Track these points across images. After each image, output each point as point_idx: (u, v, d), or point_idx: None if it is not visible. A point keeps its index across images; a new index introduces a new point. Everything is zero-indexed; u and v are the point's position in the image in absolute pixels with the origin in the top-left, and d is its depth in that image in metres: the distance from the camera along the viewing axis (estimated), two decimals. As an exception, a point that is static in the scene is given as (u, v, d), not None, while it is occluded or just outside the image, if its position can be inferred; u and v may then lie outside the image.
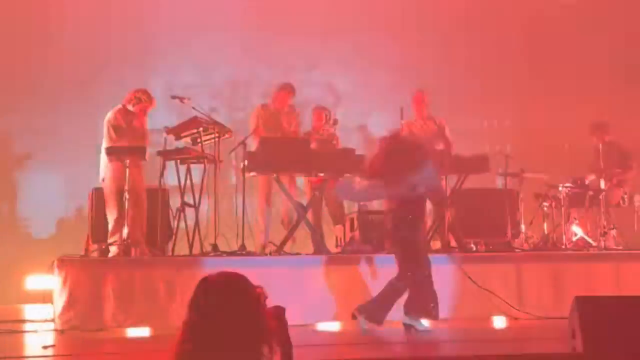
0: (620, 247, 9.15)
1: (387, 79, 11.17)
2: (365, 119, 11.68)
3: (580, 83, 11.09)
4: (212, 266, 7.26)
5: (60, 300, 6.96)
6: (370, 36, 11.35)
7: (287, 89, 9.20)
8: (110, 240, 7.79)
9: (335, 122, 9.48)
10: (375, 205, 9.30)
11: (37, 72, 10.56)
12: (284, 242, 8.27)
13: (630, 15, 11.20)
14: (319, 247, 8.37)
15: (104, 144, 7.93)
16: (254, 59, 11.40)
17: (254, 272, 7.24)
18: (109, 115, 7.99)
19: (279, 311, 2.86)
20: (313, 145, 8.86)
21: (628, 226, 9.34)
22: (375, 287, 7.36)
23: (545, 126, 10.72)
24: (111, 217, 7.86)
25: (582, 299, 3.59)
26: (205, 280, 2.65)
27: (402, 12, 11.46)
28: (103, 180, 7.95)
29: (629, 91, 10.79)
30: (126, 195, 7.59)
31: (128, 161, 7.62)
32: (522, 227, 9.34)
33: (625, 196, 9.37)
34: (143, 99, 8.09)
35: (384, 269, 7.53)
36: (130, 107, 8.06)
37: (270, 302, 2.81)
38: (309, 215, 8.89)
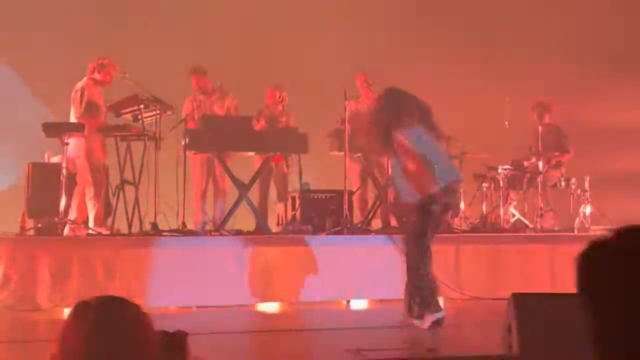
0: (556, 229, 9.34)
1: (333, 59, 11.10)
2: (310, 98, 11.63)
3: (524, 64, 11.18)
4: (152, 245, 7.23)
5: (-7, 279, 6.81)
6: (321, 16, 11.27)
7: (197, 72, 8.97)
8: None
9: (283, 99, 9.37)
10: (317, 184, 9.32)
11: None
12: (224, 221, 8.24)
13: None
14: (260, 226, 8.36)
15: (72, 119, 7.82)
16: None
17: (194, 251, 7.33)
18: (79, 88, 7.88)
19: (178, 339, 2.44)
20: (262, 123, 8.80)
21: (564, 208, 9.51)
22: (316, 268, 7.42)
23: (488, 106, 10.78)
24: (87, 194, 7.81)
25: (518, 296, 3.64)
26: (77, 307, 2.23)
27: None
28: (76, 157, 7.80)
29: (573, 74, 10.94)
30: (64, 172, 7.49)
31: (66, 137, 7.50)
32: (462, 206, 9.45)
33: (562, 178, 9.53)
34: (106, 63, 8.03)
35: (323, 250, 7.59)
36: (96, 76, 7.96)
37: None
38: (257, 192, 8.90)
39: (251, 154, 8.98)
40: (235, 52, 11.17)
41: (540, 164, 9.52)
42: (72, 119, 7.88)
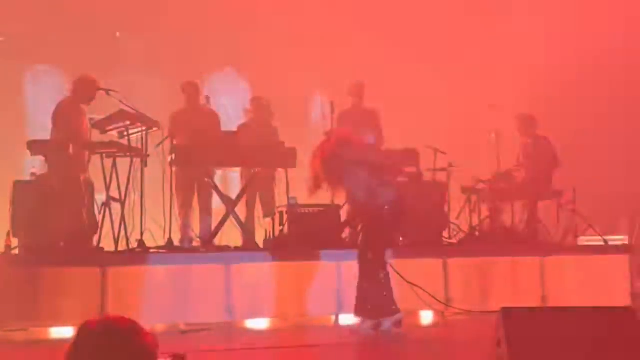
0: (545, 241, 9.32)
1: (322, 70, 11.12)
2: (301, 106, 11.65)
3: (514, 77, 11.21)
4: (139, 262, 7.17)
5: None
6: (310, 27, 11.28)
7: (189, 87, 9.00)
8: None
9: (272, 114, 9.36)
10: (306, 199, 9.26)
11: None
12: (212, 236, 8.19)
13: (568, 10, 11.38)
14: (248, 242, 8.31)
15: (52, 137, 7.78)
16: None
17: (181, 268, 7.26)
18: (59, 106, 7.81)
19: None
20: (248, 137, 8.77)
21: (553, 220, 9.50)
22: (305, 284, 7.38)
23: (475, 118, 10.78)
24: (66, 212, 7.70)
25: (508, 310, 3.61)
26: (84, 329, 2.29)
27: (341, 6, 11.43)
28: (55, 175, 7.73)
29: (563, 87, 10.96)
30: (49, 190, 7.44)
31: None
32: (450, 219, 9.43)
33: (550, 191, 9.53)
34: (83, 80, 7.97)
35: (312, 265, 7.56)
36: (76, 94, 7.94)
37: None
38: (243, 207, 8.85)
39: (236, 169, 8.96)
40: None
41: (529, 177, 9.52)
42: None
